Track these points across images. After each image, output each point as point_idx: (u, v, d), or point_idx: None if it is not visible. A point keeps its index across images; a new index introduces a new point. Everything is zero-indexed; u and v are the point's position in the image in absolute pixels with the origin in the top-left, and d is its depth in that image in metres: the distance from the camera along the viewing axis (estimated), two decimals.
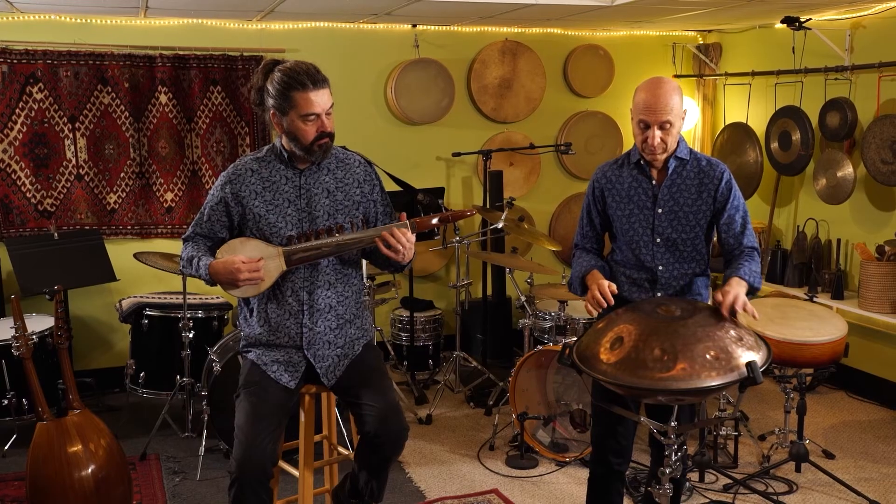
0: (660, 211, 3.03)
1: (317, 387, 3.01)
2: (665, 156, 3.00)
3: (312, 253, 2.84)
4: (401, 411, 2.90)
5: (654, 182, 3.05)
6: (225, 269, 2.78)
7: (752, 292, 2.92)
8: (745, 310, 2.77)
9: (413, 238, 2.87)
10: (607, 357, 2.54)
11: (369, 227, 2.93)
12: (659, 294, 3.08)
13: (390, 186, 4.59)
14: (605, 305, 2.91)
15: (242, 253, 2.82)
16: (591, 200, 3.18)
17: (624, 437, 3.07)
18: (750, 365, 2.41)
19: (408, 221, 2.87)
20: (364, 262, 3.47)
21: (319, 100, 2.79)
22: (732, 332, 2.54)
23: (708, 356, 2.44)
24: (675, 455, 2.68)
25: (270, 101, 2.82)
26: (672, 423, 2.64)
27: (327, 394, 3.21)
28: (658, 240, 3.04)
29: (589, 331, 2.79)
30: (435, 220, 2.95)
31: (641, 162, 3.06)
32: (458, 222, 3.69)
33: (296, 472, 3.10)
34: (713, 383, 2.41)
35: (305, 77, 2.77)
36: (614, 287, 2.95)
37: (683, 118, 2.99)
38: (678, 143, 3.05)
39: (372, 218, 3.02)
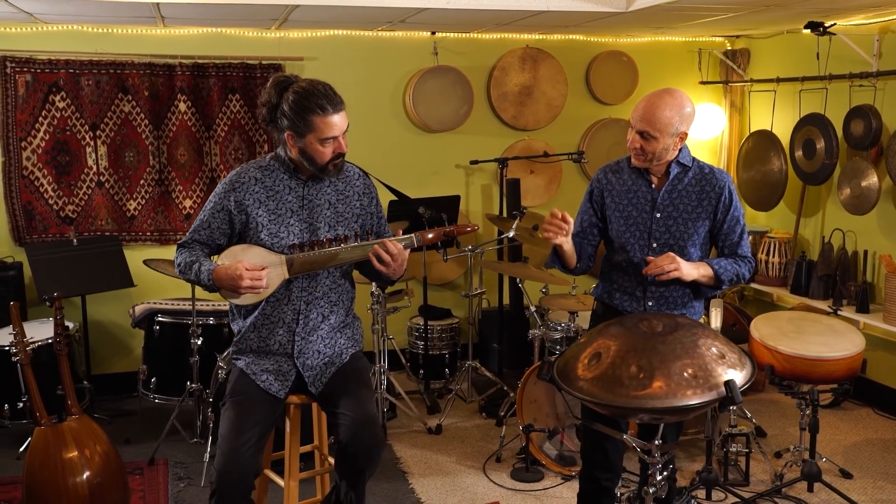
0: (658, 215, 3.01)
1: (304, 396, 3.00)
2: (646, 164, 3.00)
3: (316, 263, 2.83)
4: (377, 424, 2.86)
5: (653, 186, 3.02)
6: (227, 276, 2.77)
7: (718, 286, 2.97)
8: (657, 277, 2.87)
9: (406, 254, 2.84)
10: (584, 373, 2.48)
11: (365, 239, 2.91)
12: (650, 303, 3.03)
13: (388, 196, 4.55)
14: (560, 224, 2.90)
15: (244, 260, 2.80)
16: (589, 198, 3.17)
17: (613, 454, 3.01)
18: (728, 384, 2.33)
19: (411, 236, 2.85)
20: None
21: (338, 123, 2.77)
22: (714, 350, 2.45)
23: (686, 374, 2.37)
24: (660, 474, 2.61)
25: (286, 123, 2.77)
26: (657, 441, 2.58)
27: (317, 403, 3.19)
28: (654, 245, 3.01)
29: (573, 345, 2.73)
30: (434, 235, 2.93)
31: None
32: (463, 235, 3.59)
33: (283, 483, 3.10)
34: (691, 402, 2.34)
35: (325, 101, 2.74)
36: (568, 217, 2.94)
37: (677, 136, 2.95)
38: (681, 150, 3.04)
39: (368, 230, 3.01)
